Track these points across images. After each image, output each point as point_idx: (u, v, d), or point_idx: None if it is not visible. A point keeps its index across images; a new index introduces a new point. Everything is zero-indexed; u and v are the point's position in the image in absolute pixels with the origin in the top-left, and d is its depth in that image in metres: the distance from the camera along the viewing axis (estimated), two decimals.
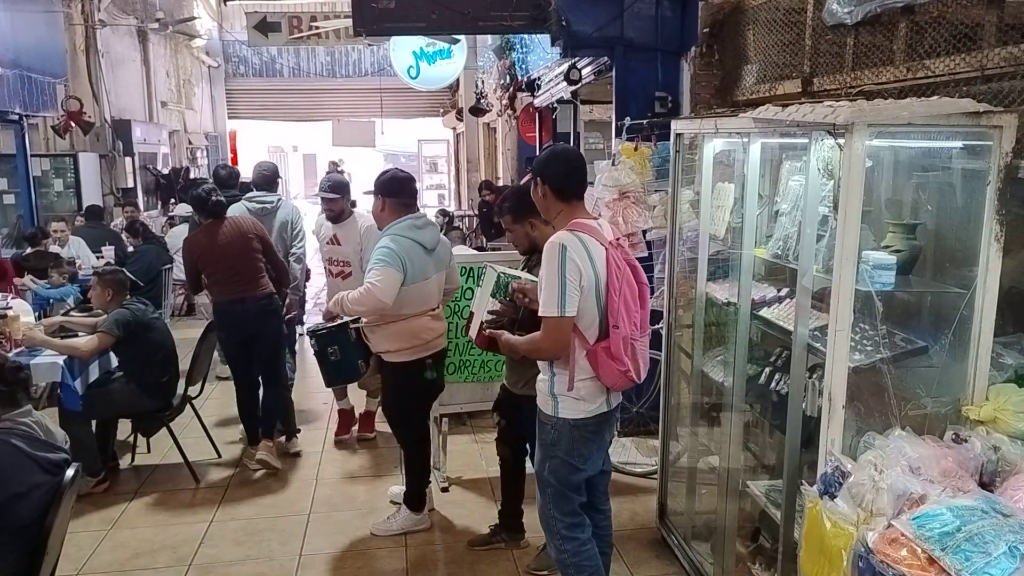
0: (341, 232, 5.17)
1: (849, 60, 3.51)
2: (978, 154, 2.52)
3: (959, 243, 2.66)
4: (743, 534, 3.63)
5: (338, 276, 5.22)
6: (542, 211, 3.10)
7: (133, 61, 12.72)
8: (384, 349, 4.07)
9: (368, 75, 17.66)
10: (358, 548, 4.18)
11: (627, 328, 2.89)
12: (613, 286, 2.87)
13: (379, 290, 3.76)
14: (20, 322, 4.98)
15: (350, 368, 4.21)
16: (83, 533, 4.29)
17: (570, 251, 2.78)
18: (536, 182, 3.01)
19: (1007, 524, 1.95)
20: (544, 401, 3.03)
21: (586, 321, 2.87)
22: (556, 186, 2.97)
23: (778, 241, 3.18)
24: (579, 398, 2.94)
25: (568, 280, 2.76)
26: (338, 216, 5.15)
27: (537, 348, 2.94)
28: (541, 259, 3.50)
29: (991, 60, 2.69)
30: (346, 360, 4.15)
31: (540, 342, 2.89)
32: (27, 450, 2.77)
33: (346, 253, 5.18)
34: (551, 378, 2.98)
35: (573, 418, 2.97)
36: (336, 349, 4.12)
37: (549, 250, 2.80)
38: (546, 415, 3.03)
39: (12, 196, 9.37)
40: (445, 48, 10.65)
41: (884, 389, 2.53)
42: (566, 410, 2.96)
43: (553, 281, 2.77)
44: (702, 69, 5.03)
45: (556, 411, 2.98)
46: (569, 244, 2.80)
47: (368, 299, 3.79)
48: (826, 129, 2.42)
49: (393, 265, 3.81)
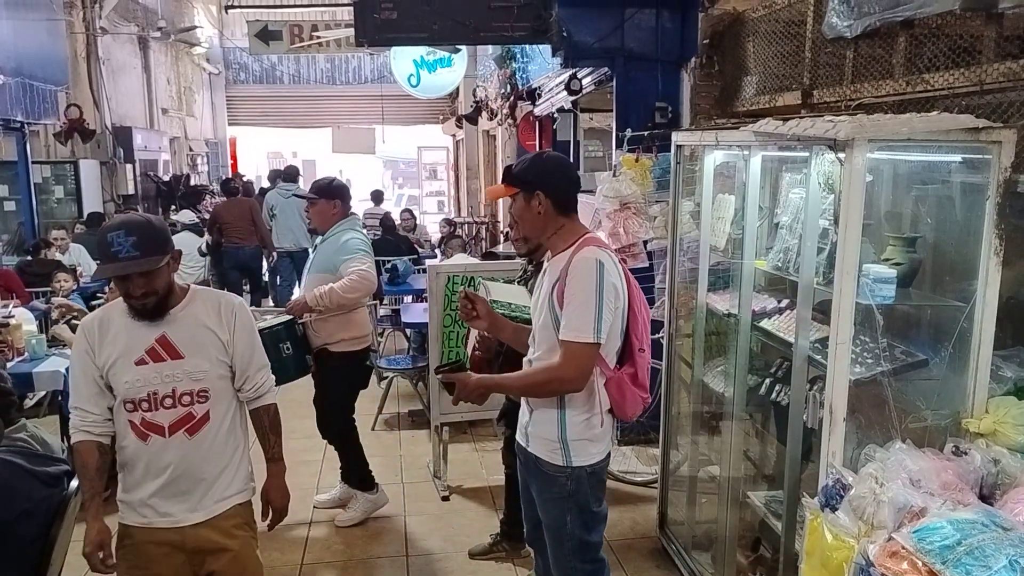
0: None
1: (849, 73, 3.54)
2: (977, 168, 2.54)
3: (959, 256, 2.68)
4: (743, 544, 3.64)
5: None
6: (535, 229, 2.67)
7: (134, 68, 12.75)
8: (338, 339, 4.29)
9: (368, 82, 17.70)
10: (359, 558, 4.19)
11: (649, 352, 2.68)
12: (635, 306, 2.63)
13: (368, 273, 4.19)
14: (23, 331, 5.00)
15: (301, 363, 4.29)
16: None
17: (607, 269, 2.50)
18: (534, 196, 2.62)
19: (1007, 538, 1.96)
20: (551, 451, 2.62)
21: (610, 346, 2.58)
22: (560, 200, 2.63)
23: (778, 253, 3.19)
24: (593, 439, 2.61)
25: (605, 302, 2.47)
26: None
27: (555, 379, 2.52)
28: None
29: (990, 75, 2.72)
30: (298, 355, 4.24)
31: (562, 372, 2.48)
32: (27, 466, 2.78)
33: None
34: (560, 420, 2.59)
35: (590, 464, 2.63)
36: (288, 345, 4.18)
37: (584, 267, 2.49)
38: (556, 467, 2.61)
39: (13, 203, 9.38)
40: (446, 56, 10.68)
41: (885, 401, 2.55)
42: (580, 457, 2.60)
43: (590, 301, 2.46)
44: (702, 80, 5.06)
45: (569, 460, 2.60)
46: (605, 262, 2.51)
47: (363, 285, 4.16)
48: (827, 144, 2.44)
49: (369, 254, 4.31)
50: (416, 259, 8.74)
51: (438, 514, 4.62)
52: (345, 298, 4.15)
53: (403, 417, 6.36)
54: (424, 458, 5.41)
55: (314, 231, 4.73)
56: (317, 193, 4.43)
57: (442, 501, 4.78)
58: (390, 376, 6.17)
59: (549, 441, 2.63)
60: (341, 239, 4.29)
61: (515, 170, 2.72)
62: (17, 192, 9.27)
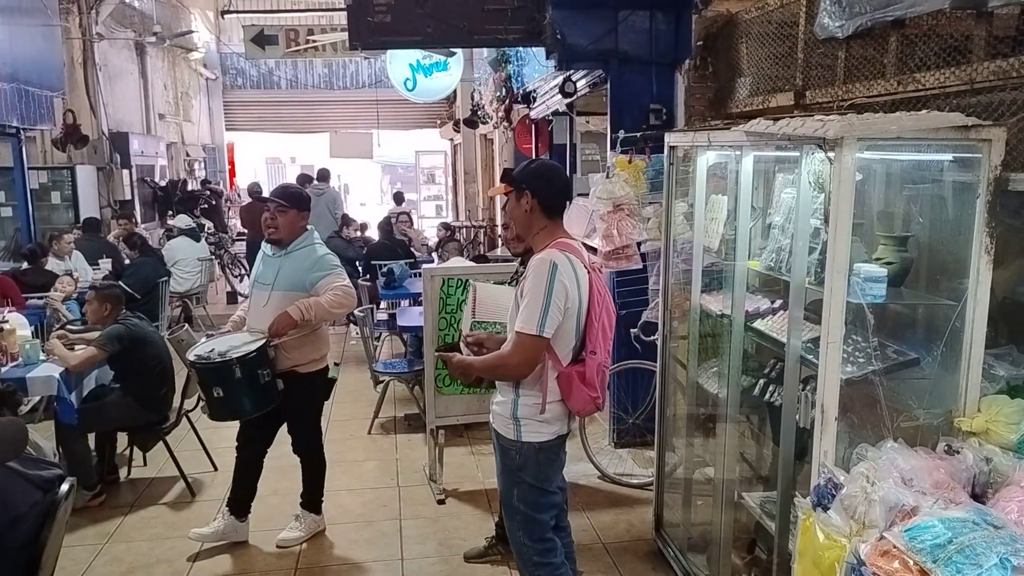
0: None
1: (841, 73, 3.54)
2: (968, 167, 2.54)
3: (950, 255, 2.68)
4: (739, 545, 3.63)
5: None
6: (522, 226, 2.96)
7: (131, 74, 12.76)
8: (309, 359, 4.10)
9: (365, 87, 17.70)
10: (354, 561, 4.17)
11: (602, 355, 2.88)
12: (594, 311, 2.85)
13: (352, 292, 4.02)
14: (17, 336, 4.99)
15: (275, 390, 3.99)
16: (79, 547, 4.29)
17: (560, 270, 2.74)
18: (523, 195, 2.90)
19: (998, 536, 1.96)
20: (504, 425, 2.93)
21: (563, 343, 2.83)
22: (546, 201, 2.90)
23: (771, 253, 3.19)
24: (544, 420, 2.88)
25: (553, 301, 2.71)
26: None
27: (503, 365, 2.83)
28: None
29: (980, 73, 2.72)
30: (273, 381, 3.96)
31: (508, 358, 2.79)
32: (22, 470, 2.77)
33: None
34: (514, 400, 2.89)
35: (538, 441, 2.89)
36: (268, 371, 3.91)
37: (539, 266, 2.75)
38: (508, 440, 2.92)
39: (9, 209, 9.37)
40: (442, 60, 10.69)
41: (876, 401, 2.54)
42: (530, 434, 2.88)
43: (538, 298, 2.71)
44: (696, 82, 5.06)
45: (519, 435, 2.89)
46: (560, 263, 2.75)
47: (349, 301, 3.98)
48: (816, 143, 2.44)
49: (343, 270, 4.12)
50: (413, 263, 8.73)
51: (434, 517, 4.60)
52: (331, 313, 3.95)
53: (399, 421, 6.36)
54: (420, 461, 5.41)
55: (277, 241, 4.07)
56: (289, 202, 4.02)
57: (438, 504, 4.77)
58: (387, 380, 6.16)
59: (504, 418, 2.93)
60: (315, 254, 4.04)
61: (515, 170, 3.04)
62: (14, 198, 9.26)
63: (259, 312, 4.03)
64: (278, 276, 4.00)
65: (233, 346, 3.90)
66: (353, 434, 6.09)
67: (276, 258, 4.06)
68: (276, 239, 4.05)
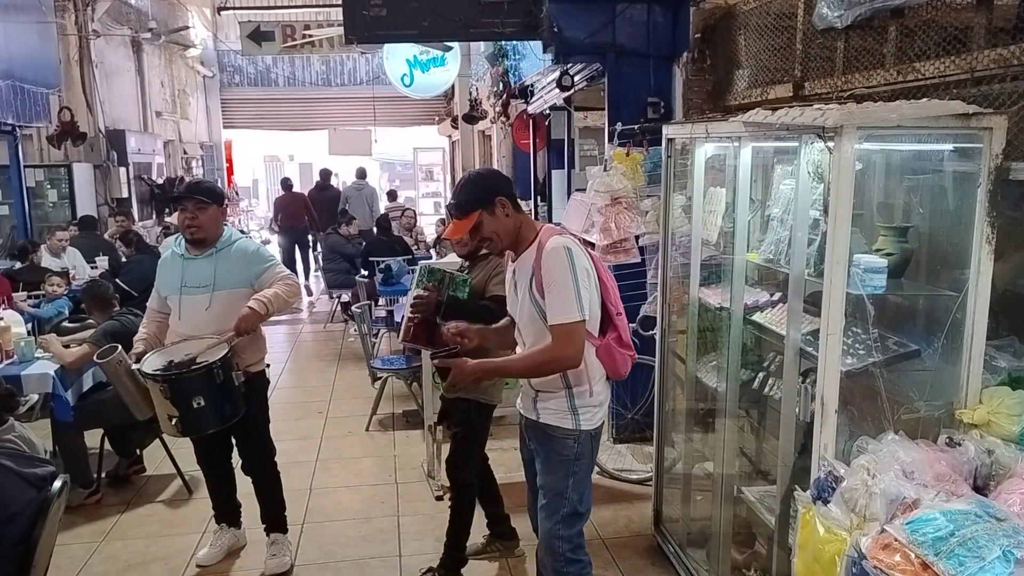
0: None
1: (840, 64, 3.51)
2: (968, 156, 2.52)
3: (951, 246, 2.65)
4: (738, 540, 3.60)
5: None
6: (509, 232, 2.83)
7: (127, 71, 12.70)
8: (259, 358, 3.93)
9: (363, 84, 17.64)
10: (351, 558, 4.15)
11: (624, 314, 2.91)
12: (603, 277, 2.85)
13: (296, 278, 3.94)
14: (11, 333, 4.96)
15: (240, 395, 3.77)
16: (75, 545, 4.26)
17: (575, 252, 2.70)
18: (495, 205, 2.79)
19: (1001, 528, 1.93)
20: (562, 417, 2.83)
21: (593, 318, 2.78)
22: (513, 198, 2.85)
23: (770, 245, 3.17)
24: (597, 404, 2.85)
25: (580, 282, 2.67)
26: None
27: (553, 359, 2.71)
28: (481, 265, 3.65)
29: (981, 62, 2.69)
30: (242, 383, 3.75)
31: (557, 351, 2.68)
32: (16, 468, 2.75)
33: None
34: (567, 392, 2.81)
35: (593, 428, 2.86)
36: (240, 373, 3.71)
37: (555, 256, 2.68)
38: (566, 430, 2.83)
39: (6, 207, 9.33)
40: (439, 56, 10.66)
41: (877, 393, 2.52)
42: (587, 421, 2.83)
43: (567, 285, 2.65)
44: (694, 74, 5.02)
45: (578, 424, 2.82)
46: (571, 246, 2.72)
47: (297, 288, 3.90)
48: (815, 132, 2.41)
49: (279, 260, 4.01)
50: (411, 259, 8.70)
51: (432, 514, 4.58)
52: (287, 303, 3.78)
53: (397, 417, 6.33)
54: (418, 458, 5.38)
55: (200, 241, 3.80)
56: (208, 196, 3.76)
57: (436, 501, 4.74)
58: (384, 376, 6.13)
59: (560, 412, 2.84)
60: (251, 248, 3.88)
61: (463, 198, 2.84)
62: (10, 196, 9.23)
63: (201, 317, 3.75)
64: (216, 277, 3.75)
65: (190, 354, 3.60)
66: (351, 431, 6.07)
67: (204, 259, 3.79)
68: (200, 238, 3.78)
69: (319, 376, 7.76)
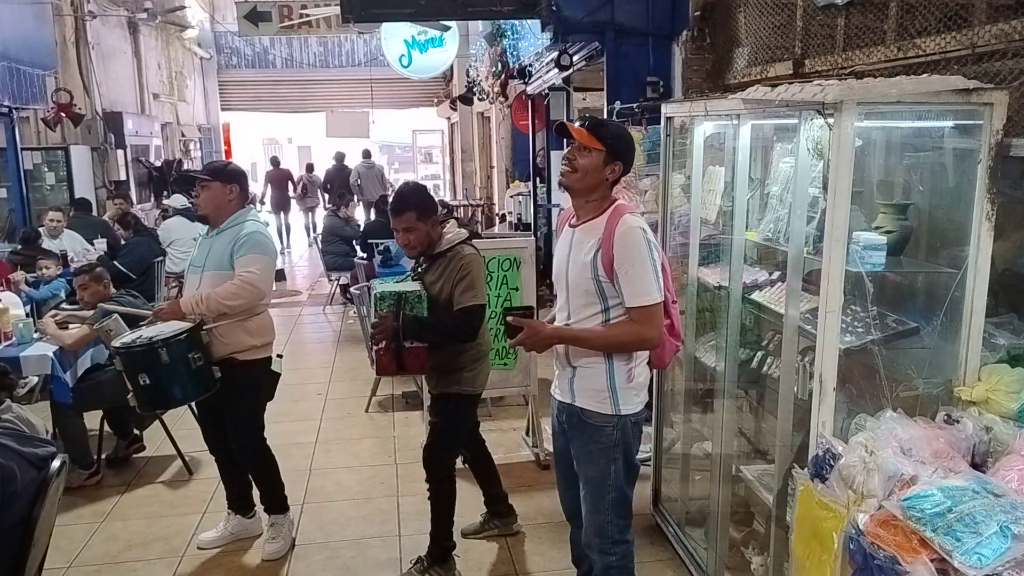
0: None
1: (840, 41, 3.48)
2: (969, 133, 2.50)
3: (950, 223, 2.64)
4: (736, 519, 3.62)
5: None
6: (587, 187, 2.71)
7: (124, 53, 12.63)
8: (248, 345, 3.76)
9: (361, 65, 17.56)
10: (351, 538, 4.16)
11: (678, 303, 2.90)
12: (663, 263, 2.76)
13: (259, 279, 3.62)
14: (10, 315, 4.95)
15: (210, 376, 3.67)
16: (75, 526, 4.27)
17: (647, 232, 2.63)
18: (614, 164, 2.69)
19: (998, 504, 1.93)
20: (600, 400, 2.73)
21: None
22: (623, 176, 2.77)
23: (769, 224, 3.15)
24: (637, 387, 2.76)
25: (656, 263, 2.61)
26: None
27: (640, 339, 2.65)
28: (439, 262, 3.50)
29: (982, 37, 2.67)
30: (207, 366, 3.64)
31: (644, 331, 2.62)
32: (17, 448, 2.75)
33: None
34: (609, 369, 2.71)
35: (633, 413, 2.76)
36: (200, 355, 3.59)
37: (632, 236, 2.58)
38: (604, 416, 2.73)
39: (3, 190, 9.31)
40: (437, 36, 10.58)
41: (875, 371, 2.51)
42: (627, 405, 2.73)
43: (645, 266, 2.58)
44: (693, 53, 4.99)
45: (617, 408, 2.72)
46: (644, 226, 2.63)
47: (246, 293, 3.60)
48: (815, 108, 2.39)
49: (268, 253, 3.75)
50: None
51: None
52: (225, 306, 3.59)
53: (397, 399, 6.33)
54: (418, 439, 5.38)
55: (203, 218, 3.85)
56: (211, 175, 3.74)
57: None
58: None
59: (598, 391, 2.73)
60: (242, 230, 3.71)
61: (607, 132, 2.72)
62: (7, 179, 9.20)
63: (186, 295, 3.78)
64: (208, 257, 3.74)
65: (162, 332, 3.59)
66: (350, 412, 6.08)
67: (209, 238, 3.80)
68: (201, 216, 3.84)
69: (318, 358, 7.77)
